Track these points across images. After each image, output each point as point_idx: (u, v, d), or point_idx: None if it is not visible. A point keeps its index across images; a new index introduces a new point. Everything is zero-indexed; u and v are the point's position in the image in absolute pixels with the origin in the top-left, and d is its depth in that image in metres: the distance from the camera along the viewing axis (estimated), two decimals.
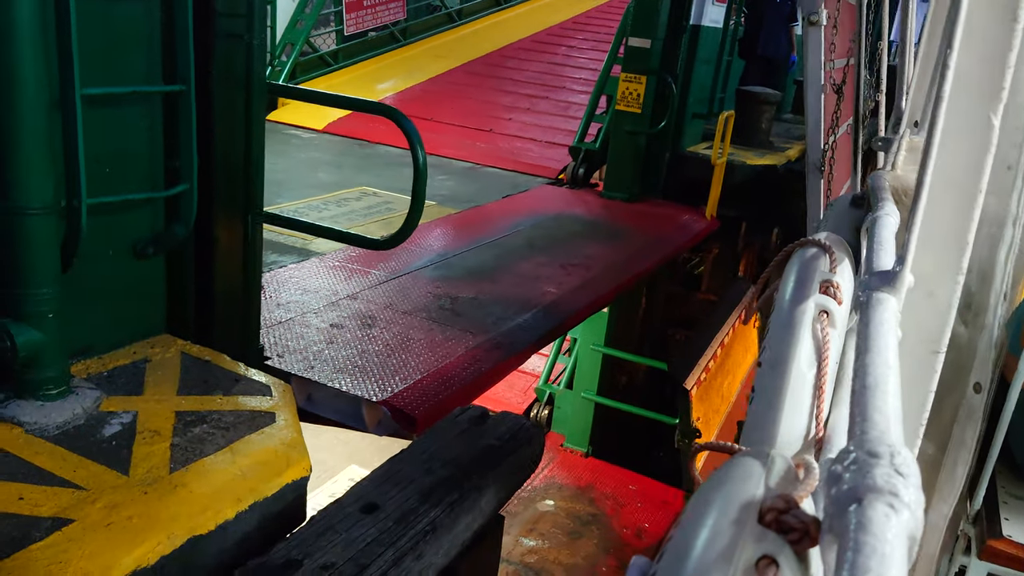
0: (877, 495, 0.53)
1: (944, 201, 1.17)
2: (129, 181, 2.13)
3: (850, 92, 5.00)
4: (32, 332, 1.84)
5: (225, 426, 1.97)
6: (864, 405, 0.72)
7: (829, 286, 1.12)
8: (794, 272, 1.21)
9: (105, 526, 1.58)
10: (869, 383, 0.77)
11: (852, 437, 0.66)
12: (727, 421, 4.85)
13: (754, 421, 0.95)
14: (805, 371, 0.99)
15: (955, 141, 1.14)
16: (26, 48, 1.68)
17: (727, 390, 4.77)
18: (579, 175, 6.82)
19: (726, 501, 0.61)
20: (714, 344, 4.54)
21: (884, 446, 0.59)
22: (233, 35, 2.38)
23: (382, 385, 3.03)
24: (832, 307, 1.08)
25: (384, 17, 9.55)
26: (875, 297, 0.98)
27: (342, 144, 7.47)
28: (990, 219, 1.73)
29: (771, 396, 0.95)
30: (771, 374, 0.99)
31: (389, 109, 2.69)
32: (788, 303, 1.11)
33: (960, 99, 1.12)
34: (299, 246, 4.48)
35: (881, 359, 0.82)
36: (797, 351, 1.01)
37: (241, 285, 2.67)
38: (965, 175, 1.17)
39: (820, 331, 1.05)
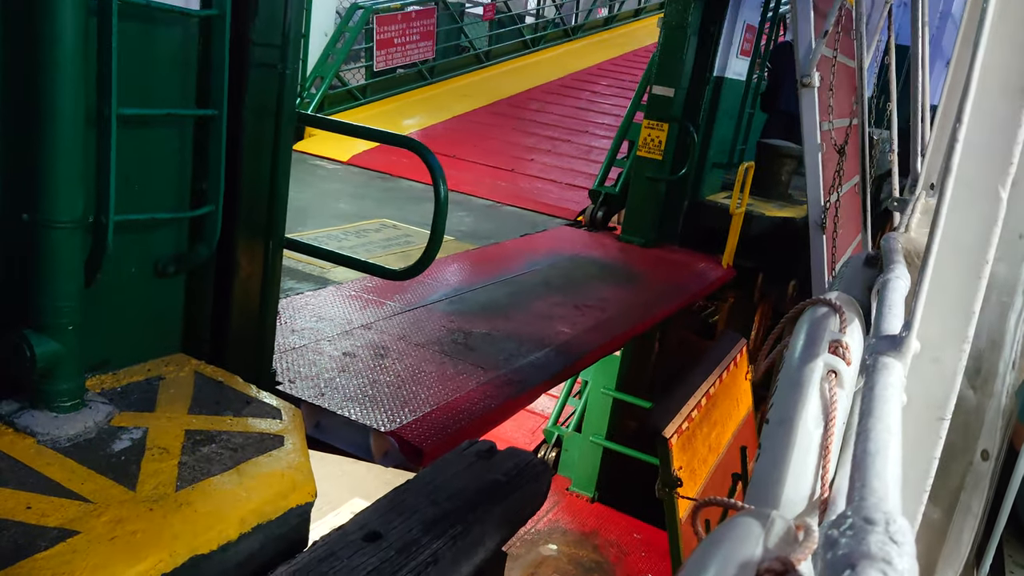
0: (871, 562, 0.54)
1: (952, 269, 1.18)
2: (156, 200, 2.17)
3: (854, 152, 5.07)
4: (51, 344, 1.87)
5: (234, 447, 1.98)
6: (864, 470, 0.73)
7: (838, 346, 1.13)
8: (804, 330, 1.22)
9: (109, 540, 1.58)
10: (870, 448, 0.78)
11: (850, 502, 0.68)
12: (717, 472, 4.80)
13: (759, 478, 0.96)
14: (812, 430, 1.00)
15: (964, 211, 1.16)
16: (67, 65, 1.73)
17: (715, 441, 4.74)
18: (598, 218, 6.87)
19: (724, 560, 0.62)
20: (698, 394, 4.52)
21: (880, 513, 0.60)
22: (267, 64, 2.44)
23: (391, 416, 3.03)
24: (841, 367, 1.09)
25: (413, 55, 9.73)
26: (881, 361, 0.99)
27: (365, 176, 7.57)
28: (1000, 286, 1.73)
29: (777, 454, 0.96)
30: (778, 432, 1.00)
31: (413, 142, 2.73)
32: (797, 361, 1.12)
33: (970, 170, 1.14)
34: (316, 274, 4.52)
35: (883, 424, 0.83)
36: (804, 410, 1.02)
37: (258, 309, 2.70)
38: (973, 244, 1.18)
39: (828, 391, 1.06)
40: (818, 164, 4.00)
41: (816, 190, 4.04)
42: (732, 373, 5.14)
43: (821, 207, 3.93)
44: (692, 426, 4.32)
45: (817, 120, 3.98)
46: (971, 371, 1.82)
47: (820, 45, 4.02)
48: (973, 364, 1.78)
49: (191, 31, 2.14)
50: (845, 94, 5.23)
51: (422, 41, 9.72)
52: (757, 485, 0.96)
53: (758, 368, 1.61)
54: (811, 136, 4.05)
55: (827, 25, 4.04)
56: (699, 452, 4.42)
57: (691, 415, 4.31)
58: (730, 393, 5.08)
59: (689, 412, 4.29)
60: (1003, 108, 1.14)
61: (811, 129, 4.04)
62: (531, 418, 8.40)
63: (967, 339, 1.22)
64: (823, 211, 3.94)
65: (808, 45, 4.04)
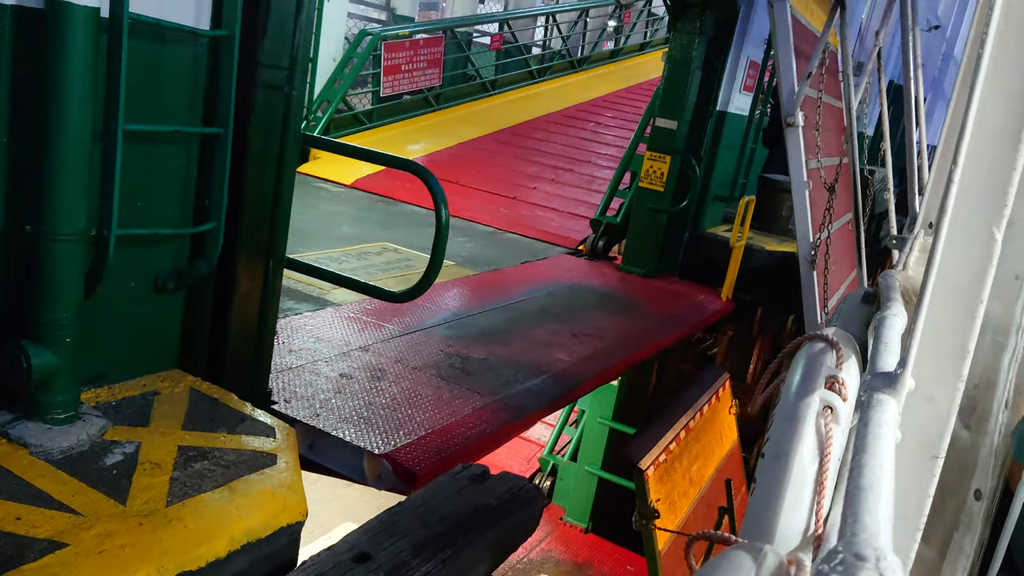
0: None
1: (947, 308, 1.19)
2: (159, 216, 2.19)
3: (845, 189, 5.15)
4: (48, 355, 1.87)
5: (226, 464, 1.98)
6: (856, 506, 0.74)
7: (835, 382, 1.14)
8: (801, 365, 1.23)
9: (98, 553, 1.58)
10: (863, 484, 0.78)
11: (842, 538, 0.68)
12: (700, 504, 4.79)
13: (753, 512, 0.97)
14: (807, 465, 1.00)
15: (960, 250, 1.17)
16: (76, 80, 1.76)
17: (696, 474, 4.73)
18: (598, 247, 6.89)
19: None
20: (677, 427, 4.53)
21: (871, 549, 0.61)
22: (274, 86, 2.47)
23: (386, 438, 3.03)
24: (836, 403, 1.10)
25: (420, 82, 9.82)
26: (876, 398, 1.00)
27: (368, 200, 7.61)
28: (995, 326, 1.74)
29: (772, 489, 0.97)
30: (773, 466, 1.01)
31: (415, 165, 2.76)
32: (793, 396, 1.13)
33: (965, 210, 1.15)
34: (316, 295, 4.53)
35: (876, 461, 0.83)
36: (800, 445, 1.02)
37: (256, 328, 2.70)
38: (968, 284, 1.19)
39: (824, 426, 1.06)
40: (805, 201, 4.08)
41: (805, 226, 4.10)
42: (714, 407, 5.16)
43: (811, 243, 3.99)
44: (670, 458, 4.33)
45: (803, 158, 4.07)
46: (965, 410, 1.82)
47: (804, 86, 4.12)
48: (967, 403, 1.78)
49: (200, 51, 2.17)
50: (833, 133, 5.32)
51: (429, 68, 9.82)
52: (751, 519, 0.96)
53: (755, 402, 1.58)
54: (797, 174, 4.14)
55: (810, 67, 4.13)
56: (679, 485, 4.42)
57: (669, 448, 4.32)
58: (712, 427, 5.09)
59: (667, 445, 4.30)
60: (998, 150, 1.15)
61: (797, 167, 4.14)
62: (527, 446, 8.36)
63: (961, 378, 1.22)
64: (813, 247, 3.99)
65: (791, 87, 4.15)
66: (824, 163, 4.45)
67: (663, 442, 4.29)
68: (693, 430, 4.73)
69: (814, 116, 4.42)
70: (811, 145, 4.31)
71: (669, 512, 4.26)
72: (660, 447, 4.22)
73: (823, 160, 4.43)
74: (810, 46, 4.37)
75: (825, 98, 4.74)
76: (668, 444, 4.33)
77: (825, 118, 4.91)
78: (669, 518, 4.23)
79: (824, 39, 4.25)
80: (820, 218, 4.03)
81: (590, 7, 14.10)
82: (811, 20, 5.10)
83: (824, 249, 4.17)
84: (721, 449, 5.22)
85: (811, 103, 4.44)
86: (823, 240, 4.15)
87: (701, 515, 4.75)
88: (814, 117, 4.42)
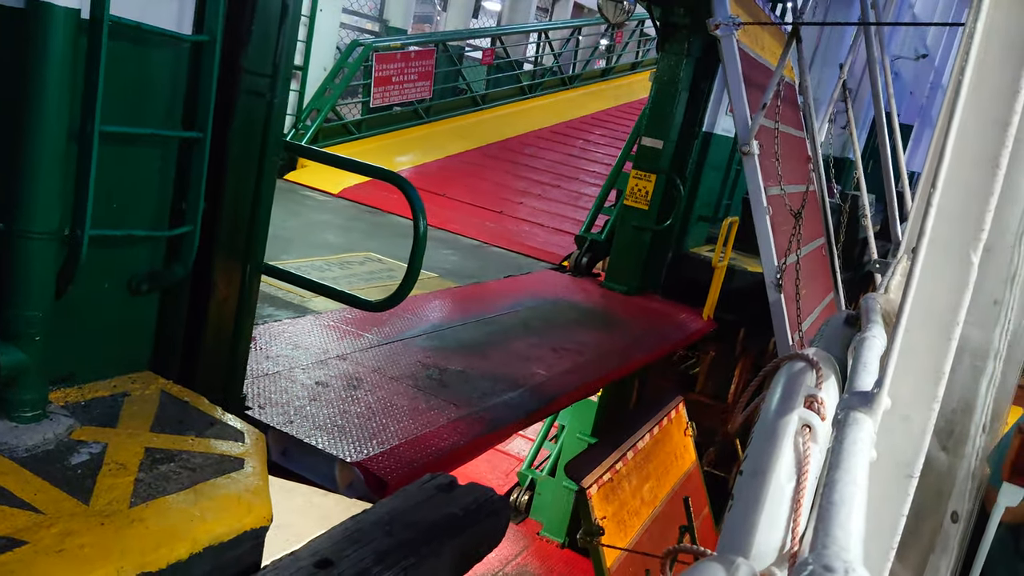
0: None
1: (925, 330, 1.20)
2: (135, 217, 2.20)
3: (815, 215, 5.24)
4: (17, 353, 1.87)
5: (192, 467, 1.97)
6: (828, 521, 0.74)
7: (814, 401, 1.15)
8: (781, 384, 1.24)
9: (57, 552, 1.57)
10: (835, 499, 0.79)
11: (812, 550, 0.68)
12: (656, 523, 4.84)
13: (730, 529, 0.97)
14: (784, 484, 1.01)
15: (937, 274, 1.19)
16: (54, 79, 1.77)
17: (649, 494, 4.80)
18: (582, 264, 6.92)
19: None
20: (623, 447, 4.61)
21: (840, 562, 0.61)
22: (256, 92, 2.49)
23: (358, 447, 3.02)
24: (815, 422, 1.11)
25: (411, 94, 9.86)
26: (852, 416, 1.01)
27: (354, 210, 7.62)
28: (974, 350, 1.75)
29: (748, 506, 0.97)
30: (751, 483, 1.02)
31: (394, 176, 2.78)
32: (772, 415, 1.14)
33: (943, 234, 1.17)
34: (296, 302, 4.53)
35: (850, 477, 0.84)
36: (778, 463, 1.03)
37: (231, 333, 2.70)
38: (945, 307, 1.20)
39: (802, 444, 1.07)
40: (767, 226, 4.19)
41: (768, 251, 4.21)
42: (666, 428, 5.24)
43: (775, 267, 4.08)
44: (617, 478, 4.40)
45: (761, 184, 4.20)
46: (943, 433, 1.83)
47: (759, 117, 4.22)
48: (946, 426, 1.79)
49: (182, 55, 2.19)
50: (797, 162, 5.43)
51: (420, 81, 9.87)
52: (728, 536, 0.96)
53: (735, 420, 1.59)
54: (757, 200, 4.27)
55: (765, 98, 4.24)
56: (628, 504, 4.49)
57: (615, 467, 4.38)
58: (665, 448, 5.18)
59: (612, 464, 4.37)
60: (976, 177, 1.17)
61: (756, 193, 4.27)
62: (505, 460, 8.34)
63: (937, 399, 1.24)
64: (778, 271, 4.07)
65: (743, 117, 4.28)
66: (788, 190, 4.54)
67: (608, 462, 4.36)
68: (642, 451, 4.80)
69: (772, 145, 4.54)
70: (771, 173, 4.44)
71: (618, 530, 4.32)
72: (604, 467, 4.29)
73: (787, 188, 4.52)
74: (766, 78, 4.49)
75: (784, 128, 4.87)
76: (614, 464, 4.40)
77: (787, 147, 5.06)
78: (619, 536, 4.29)
79: (779, 71, 4.38)
80: (785, 243, 4.10)
81: (583, 25, 14.21)
82: (763, 55, 5.25)
83: (793, 273, 4.23)
84: (677, 469, 5.29)
85: (769, 133, 4.56)
86: (790, 264, 4.22)
87: (657, 534, 4.81)
88: (772, 146, 4.54)
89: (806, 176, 5.04)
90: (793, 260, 4.20)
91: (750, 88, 4.47)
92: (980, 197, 1.17)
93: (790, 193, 4.65)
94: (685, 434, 5.42)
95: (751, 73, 4.67)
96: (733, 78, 4.31)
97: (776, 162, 4.44)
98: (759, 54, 4.98)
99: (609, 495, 4.23)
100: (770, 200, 4.30)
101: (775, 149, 4.55)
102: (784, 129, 4.82)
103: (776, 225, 4.34)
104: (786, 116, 5.15)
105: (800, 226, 4.04)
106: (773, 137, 4.59)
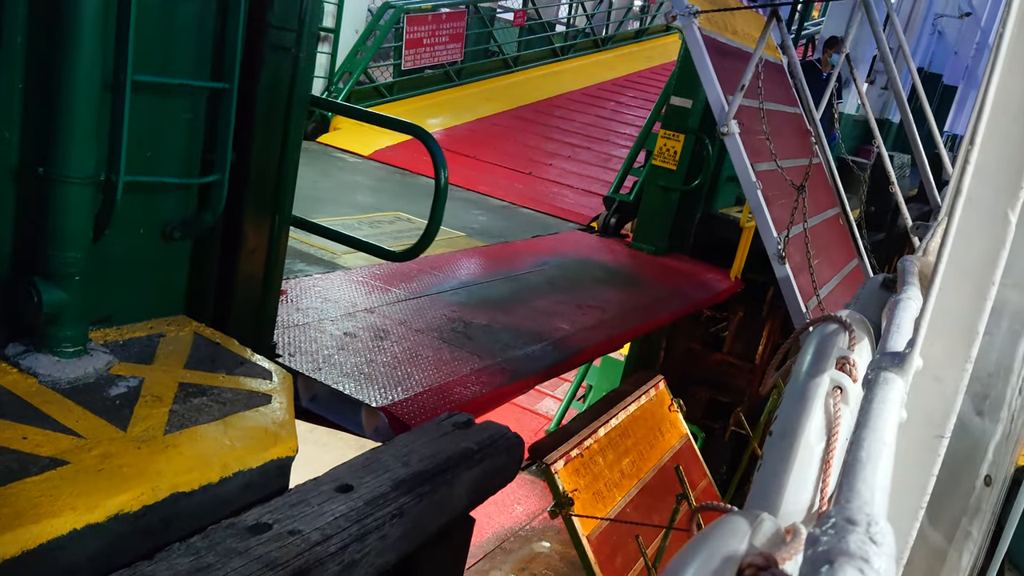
0: (848, 559, 0.55)
1: (959, 290, 1.18)
2: (166, 166, 2.30)
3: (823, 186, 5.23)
4: (58, 292, 1.99)
5: (223, 401, 2.09)
6: (853, 476, 0.74)
7: (846, 363, 1.13)
8: (812, 346, 1.22)
9: (96, 471, 1.70)
10: (861, 456, 0.79)
11: (836, 504, 0.69)
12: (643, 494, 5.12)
13: (758, 488, 0.97)
14: (814, 445, 1.00)
15: (973, 233, 1.16)
16: (88, 31, 1.86)
17: (631, 468, 5.09)
18: (610, 224, 6.95)
19: (710, 554, 0.63)
20: (595, 425, 4.85)
21: (863, 515, 0.62)
22: (282, 47, 2.56)
23: (384, 393, 3.14)
24: (846, 383, 1.09)
25: (442, 56, 9.87)
26: (882, 376, 1.00)
27: (384, 171, 7.71)
28: (1012, 313, 1.71)
29: (777, 466, 0.97)
30: (780, 444, 1.01)
31: (417, 128, 2.85)
32: (804, 376, 1.12)
33: (981, 192, 1.14)
34: (327, 259, 4.64)
35: (877, 435, 0.84)
36: (807, 424, 1.02)
37: (262, 281, 2.81)
38: (981, 267, 1.18)
39: (832, 406, 1.06)
40: (759, 201, 4.26)
41: (765, 225, 4.25)
42: (645, 407, 5.52)
43: (775, 239, 4.11)
44: (588, 454, 4.68)
45: (747, 161, 4.27)
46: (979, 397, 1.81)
47: (736, 98, 4.25)
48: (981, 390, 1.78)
49: (210, 6, 2.26)
50: (793, 136, 5.45)
51: (451, 43, 9.87)
52: (756, 495, 0.96)
53: (765, 383, 1.61)
54: (744, 176, 4.32)
55: (744, 80, 4.26)
56: (605, 476, 4.78)
57: (584, 444, 4.67)
58: (646, 424, 5.44)
59: (580, 441, 4.65)
60: (1015, 132, 1.14)
61: (742, 169, 4.33)
62: (535, 419, 8.48)
63: (970, 359, 1.22)
64: (779, 243, 4.10)
65: (717, 101, 4.34)
66: (785, 164, 4.58)
67: (575, 440, 4.63)
68: (618, 427, 5.06)
69: (758, 124, 4.55)
70: (760, 149, 4.50)
71: (596, 501, 4.61)
72: (571, 444, 4.56)
73: (783, 162, 4.56)
74: (744, 61, 4.52)
75: (771, 106, 4.92)
76: (581, 440, 4.67)
77: (778, 124, 5.11)
78: (597, 507, 4.58)
79: (757, 53, 4.40)
80: (787, 216, 4.14)
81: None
82: (736, 39, 5.25)
83: (801, 244, 4.27)
84: (664, 444, 5.56)
85: (755, 112, 4.60)
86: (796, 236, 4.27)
87: (646, 503, 5.07)
88: (758, 125, 4.55)
89: (809, 149, 5.05)
90: (799, 231, 4.22)
91: (726, 71, 4.54)
92: (1019, 154, 1.14)
93: (789, 167, 4.68)
94: (670, 410, 5.62)
95: (724, 58, 4.74)
96: (700, 64, 4.42)
97: (767, 139, 4.47)
98: (731, 39, 5.05)
99: (580, 470, 4.52)
100: (761, 175, 4.37)
101: (763, 127, 4.57)
102: (770, 107, 4.86)
103: (772, 199, 4.41)
104: (773, 94, 5.22)
105: (804, 198, 4.07)
106: (758, 116, 4.62)
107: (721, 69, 4.52)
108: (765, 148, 4.52)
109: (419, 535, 1.89)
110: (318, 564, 1.61)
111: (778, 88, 5.63)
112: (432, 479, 1.96)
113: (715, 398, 7.37)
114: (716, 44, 4.60)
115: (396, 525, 1.79)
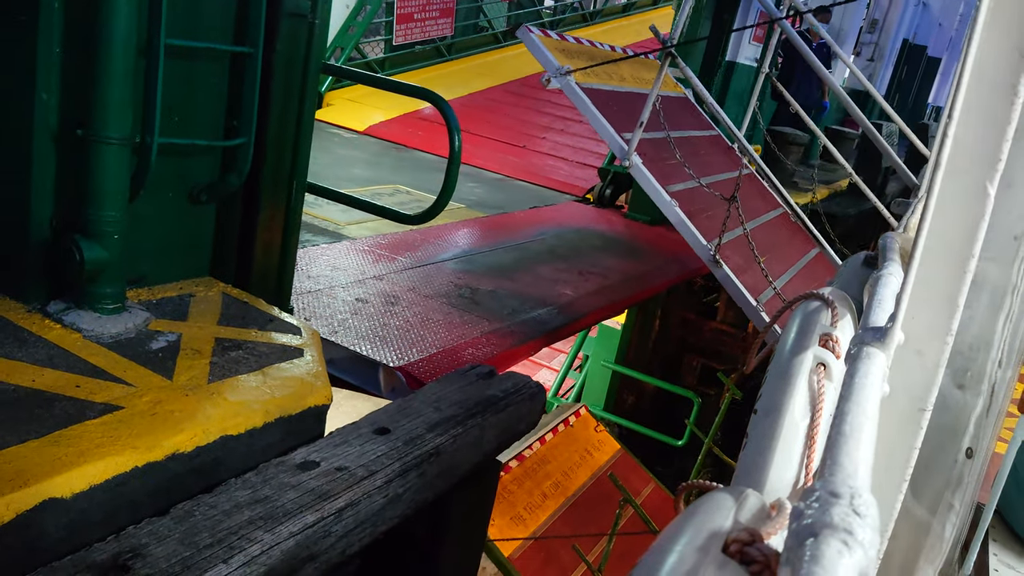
0: (832, 531, 0.56)
1: (939, 264, 1.18)
2: (195, 129, 2.36)
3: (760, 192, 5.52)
4: (99, 249, 2.06)
5: (258, 354, 2.18)
6: (836, 450, 0.75)
7: (828, 340, 1.15)
8: (796, 323, 1.24)
9: (151, 415, 1.78)
10: (844, 430, 0.80)
11: (819, 478, 0.70)
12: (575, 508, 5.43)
13: (744, 466, 0.98)
14: (798, 421, 1.01)
15: (953, 206, 1.16)
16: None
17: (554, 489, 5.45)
18: (605, 196, 7.04)
19: (695, 530, 0.64)
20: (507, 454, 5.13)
21: (846, 487, 0.62)
22: (298, 14, 2.62)
23: (400, 354, 3.23)
24: (829, 360, 1.11)
25: (432, 31, 9.89)
26: (864, 351, 1.02)
27: (380, 146, 7.76)
28: (992, 287, 1.72)
29: (762, 442, 0.98)
30: (764, 422, 1.03)
31: (432, 93, 2.91)
32: (787, 353, 1.14)
33: (959, 165, 1.15)
34: (332, 229, 4.72)
35: (860, 409, 0.85)
36: (791, 401, 1.03)
37: (280, 245, 2.89)
38: (960, 240, 1.18)
39: (816, 383, 1.07)
40: (679, 216, 4.51)
41: (691, 235, 4.52)
42: (566, 433, 5.85)
43: (706, 247, 4.42)
44: (501, 485, 4.93)
45: (656, 185, 4.57)
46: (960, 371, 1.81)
47: (636, 134, 4.56)
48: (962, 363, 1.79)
49: None
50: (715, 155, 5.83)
51: (441, 18, 9.88)
52: (741, 473, 0.97)
53: (750, 361, 1.63)
54: (658, 197, 4.61)
55: (642, 117, 4.58)
56: (524, 500, 5.13)
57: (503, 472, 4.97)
58: (569, 448, 5.77)
59: None
60: (994, 104, 1.14)
61: (654, 193, 4.64)
62: None
63: (951, 332, 1.23)
64: (710, 249, 4.41)
65: (614, 142, 4.62)
66: (708, 180, 4.91)
67: None
68: (533, 457, 5.41)
69: (667, 152, 4.89)
70: (674, 172, 4.81)
71: (514, 525, 4.92)
72: None
73: (707, 179, 4.91)
74: (640, 101, 4.79)
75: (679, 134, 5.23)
76: None
77: (694, 147, 5.51)
78: (517, 530, 4.90)
79: (653, 95, 4.62)
80: (718, 226, 4.45)
81: None
82: (624, 84, 5.48)
83: (743, 246, 4.57)
84: (593, 461, 5.85)
85: (663, 141, 4.90)
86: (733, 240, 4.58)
87: (578, 516, 5.38)
88: (667, 152, 4.89)
89: (737, 163, 5.35)
90: (738, 234, 4.51)
91: (620, 112, 4.78)
92: (998, 125, 1.14)
93: (717, 182, 5.01)
94: (597, 431, 5.98)
95: (618, 102, 4.98)
96: (587, 113, 4.62)
97: (683, 164, 4.81)
98: (619, 85, 5.31)
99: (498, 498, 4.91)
100: (681, 194, 4.65)
101: (675, 153, 4.90)
102: (679, 135, 5.16)
103: (697, 212, 4.67)
104: (682, 122, 5.61)
105: (736, 207, 4.32)
106: (667, 145, 4.94)
107: (616, 112, 4.78)
108: (681, 171, 4.84)
109: (454, 475, 1.99)
110: (366, 496, 1.71)
111: (687, 116, 6.03)
112: (464, 422, 2.06)
113: (709, 365, 7.53)
114: (604, 93, 4.84)
115: (433, 464, 1.88)
